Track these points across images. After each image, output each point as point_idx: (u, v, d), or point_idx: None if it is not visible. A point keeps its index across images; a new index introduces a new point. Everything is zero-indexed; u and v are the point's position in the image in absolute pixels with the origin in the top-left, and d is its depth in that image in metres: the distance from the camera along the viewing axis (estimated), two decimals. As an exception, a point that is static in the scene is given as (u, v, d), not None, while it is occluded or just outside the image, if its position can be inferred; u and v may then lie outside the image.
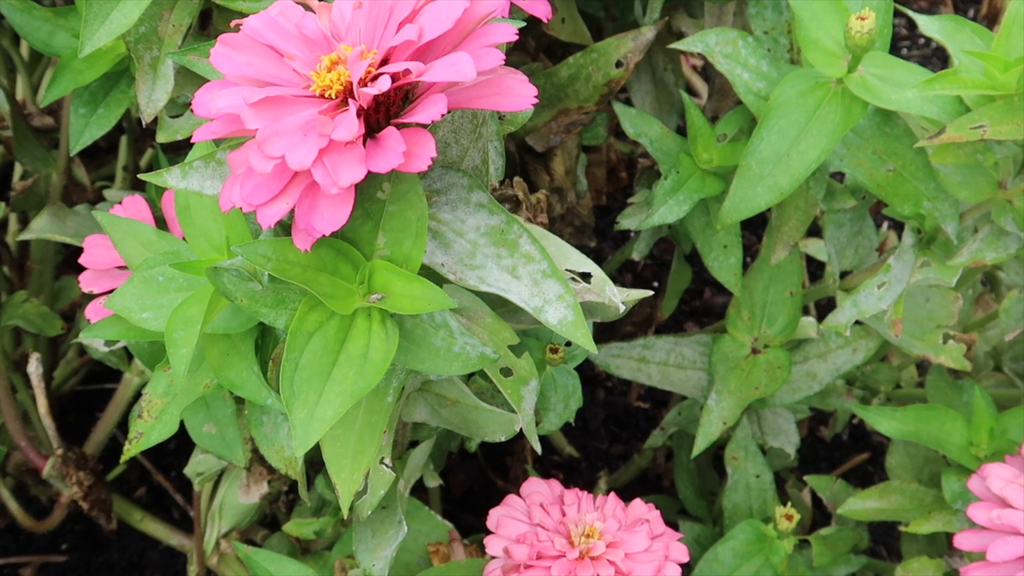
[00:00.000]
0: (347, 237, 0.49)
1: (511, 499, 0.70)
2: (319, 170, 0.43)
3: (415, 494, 0.77)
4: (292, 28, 0.47)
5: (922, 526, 0.77)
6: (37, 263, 0.99)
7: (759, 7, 0.71)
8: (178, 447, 1.08)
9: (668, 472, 1.09)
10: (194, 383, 0.62)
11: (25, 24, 0.73)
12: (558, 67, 0.74)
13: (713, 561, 0.80)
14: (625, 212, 0.80)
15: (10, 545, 1.06)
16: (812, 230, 0.85)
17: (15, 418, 0.91)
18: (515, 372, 0.59)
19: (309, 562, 0.81)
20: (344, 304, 0.49)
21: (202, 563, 0.86)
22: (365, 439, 0.55)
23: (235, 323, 0.57)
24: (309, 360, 0.49)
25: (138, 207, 0.73)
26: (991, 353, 0.93)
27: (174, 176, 0.50)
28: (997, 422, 0.77)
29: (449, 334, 0.51)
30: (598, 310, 0.56)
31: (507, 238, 0.49)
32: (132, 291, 0.57)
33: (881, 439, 1.16)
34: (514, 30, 0.45)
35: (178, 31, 0.63)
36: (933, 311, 0.80)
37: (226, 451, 0.68)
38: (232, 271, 0.50)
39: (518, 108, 0.45)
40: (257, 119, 0.44)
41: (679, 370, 0.86)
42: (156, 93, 0.63)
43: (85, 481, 0.91)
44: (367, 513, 0.64)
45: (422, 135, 0.44)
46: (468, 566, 0.74)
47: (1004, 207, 0.69)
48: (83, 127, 0.74)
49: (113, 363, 0.90)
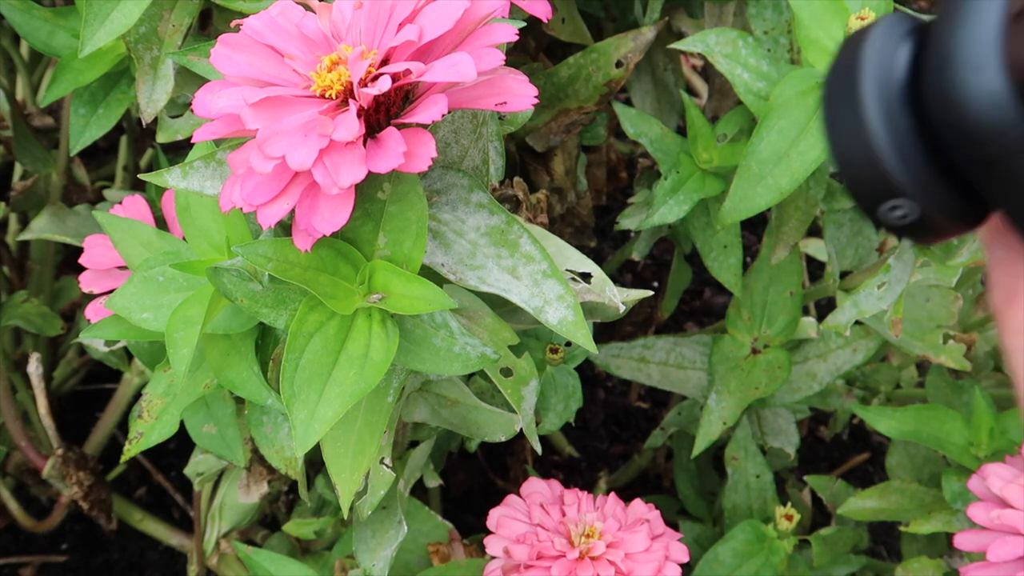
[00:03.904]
0: (347, 237, 0.49)
1: (511, 499, 0.70)
2: (319, 170, 0.43)
3: (415, 494, 0.77)
4: (292, 28, 0.47)
5: (922, 526, 0.77)
6: (37, 263, 0.99)
7: (759, 7, 0.71)
8: (178, 447, 1.08)
9: (668, 472, 1.09)
10: (194, 383, 0.62)
11: (25, 24, 0.73)
12: (558, 67, 0.74)
13: (713, 561, 0.80)
14: (625, 212, 0.80)
15: (10, 545, 1.06)
16: (812, 230, 0.85)
17: (15, 418, 0.91)
18: (515, 372, 0.59)
19: (309, 562, 0.81)
20: (344, 304, 0.49)
21: (202, 563, 0.86)
22: (365, 439, 0.55)
23: (235, 323, 0.57)
24: (309, 360, 0.49)
25: (138, 207, 0.73)
26: (991, 353, 0.93)
27: (174, 176, 0.50)
28: (997, 422, 0.77)
29: (449, 334, 0.51)
30: (598, 310, 0.56)
31: (507, 238, 0.49)
32: (132, 291, 0.57)
33: (881, 439, 1.16)
34: (514, 30, 0.45)
35: (178, 31, 0.63)
36: (933, 311, 0.80)
37: (226, 451, 0.68)
38: (232, 271, 0.50)
39: (518, 108, 0.45)
40: (257, 119, 0.44)
41: (679, 370, 0.86)
42: (156, 93, 0.63)
43: (85, 481, 0.91)
44: (367, 513, 0.64)
45: (422, 135, 0.44)
46: (468, 566, 0.74)
47: (1004, 207, 0.69)
48: (83, 127, 0.74)
49: (113, 363, 0.90)
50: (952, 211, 0.19)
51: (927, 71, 0.18)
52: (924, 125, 0.19)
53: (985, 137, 0.18)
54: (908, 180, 0.19)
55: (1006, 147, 0.18)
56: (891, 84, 0.19)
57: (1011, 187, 0.18)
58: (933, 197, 0.19)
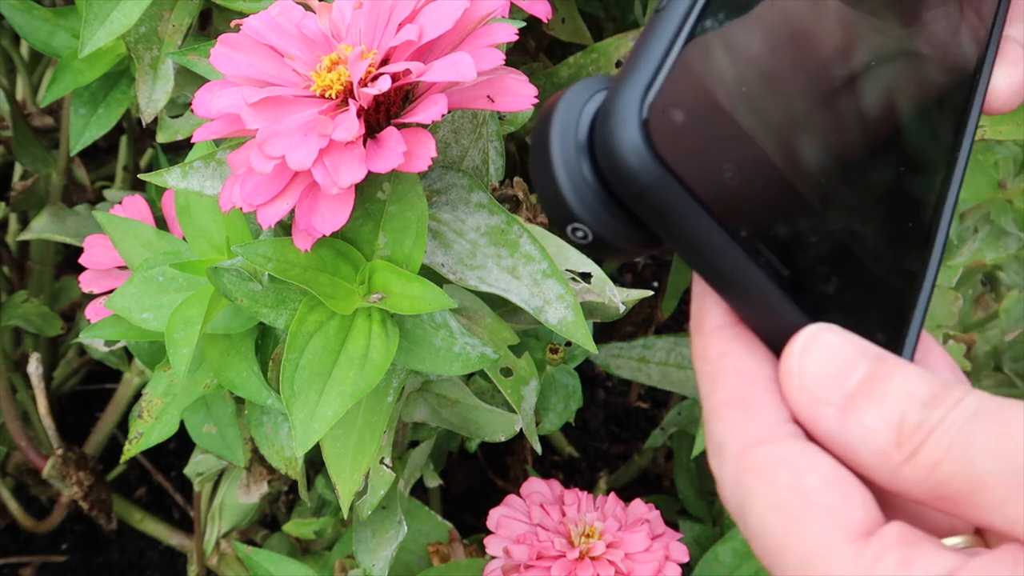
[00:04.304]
0: (347, 237, 0.49)
1: (511, 499, 0.70)
2: (319, 170, 0.43)
3: (415, 494, 0.77)
4: (292, 28, 0.47)
5: (922, 526, 0.76)
6: (37, 263, 0.99)
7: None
8: (178, 447, 1.08)
9: (668, 472, 1.09)
10: (194, 383, 0.62)
11: (25, 24, 0.73)
12: (558, 67, 0.74)
13: (713, 561, 0.80)
14: (625, 212, 0.80)
15: (10, 545, 1.06)
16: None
17: (15, 418, 0.91)
18: (515, 372, 0.59)
19: (309, 562, 0.81)
20: (344, 304, 0.49)
21: (202, 563, 0.86)
22: (365, 439, 0.55)
23: (235, 323, 0.56)
24: (309, 360, 0.49)
25: (138, 207, 0.73)
26: (991, 353, 0.93)
27: (174, 176, 0.50)
28: (997, 422, 0.77)
29: (449, 334, 0.51)
30: (598, 310, 0.56)
31: (507, 238, 0.49)
32: (132, 291, 0.57)
33: (881, 439, 1.16)
34: (514, 30, 0.45)
35: (178, 31, 0.63)
36: (933, 311, 0.80)
37: (226, 451, 0.68)
38: (232, 271, 0.50)
39: (518, 108, 0.45)
40: (257, 119, 0.44)
41: (679, 370, 0.86)
42: (156, 93, 0.63)
43: (85, 481, 0.91)
44: (367, 513, 0.63)
45: (422, 135, 0.44)
46: (468, 566, 0.74)
47: (1004, 207, 0.69)
48: (83, 127, 0.74)
49: (113, 363, 0.90)
50: (622, 235, 0.25)
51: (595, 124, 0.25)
52: (597, 167, 0.25)
53: (630, 177, 0.24)
54: (582, 210, 0.25)
55: (645, 186, 0.24)
56: (574, 134, 0.25)
57: (656, 218, 0.24)
58: (603, 223, 0.25)
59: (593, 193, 0.25)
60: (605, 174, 0.24)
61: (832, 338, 0.26)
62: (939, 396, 0.25)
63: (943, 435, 0.24)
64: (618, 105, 0.24)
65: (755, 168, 0.26)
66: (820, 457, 0.25)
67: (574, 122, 0.25)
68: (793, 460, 0.25)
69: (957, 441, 0.24)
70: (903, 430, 0.25)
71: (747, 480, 0.26)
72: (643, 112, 0.24)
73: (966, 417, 0.24)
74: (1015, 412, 0.24)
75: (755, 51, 0.27)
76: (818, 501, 0.24)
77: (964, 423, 0.24)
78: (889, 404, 0.25)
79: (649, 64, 0.24)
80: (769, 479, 0.25)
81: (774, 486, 0.25)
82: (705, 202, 0.24)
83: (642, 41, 0.25)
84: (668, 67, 0.24)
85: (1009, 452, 0.23)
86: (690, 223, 0.24)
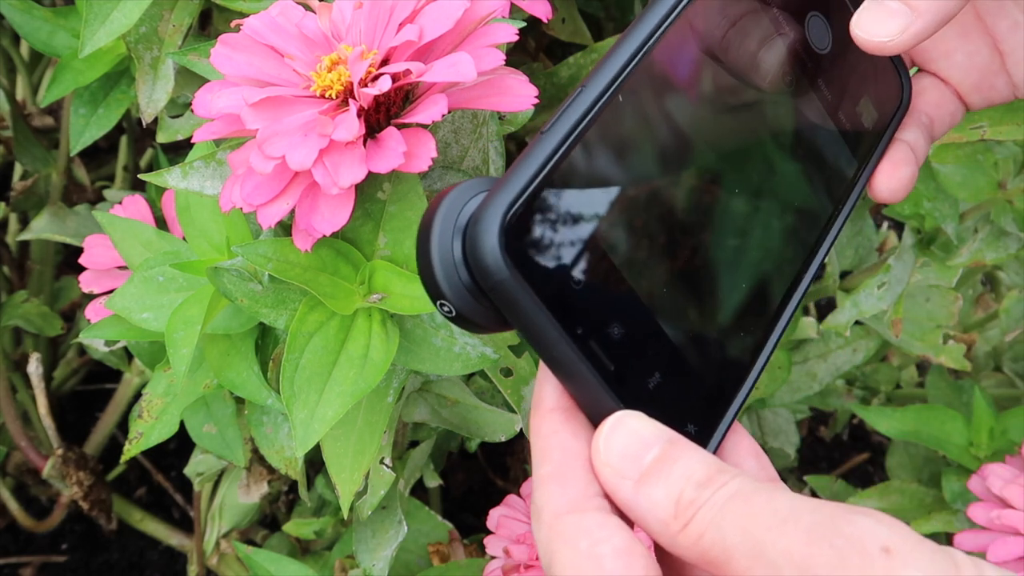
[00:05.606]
0: (347, 237, 0.49)
1: (511, 499, 0.70)
2: (319, 170, 0.43)
3: (415, 494, 0.77)
4: (292, 28, 0.47)
5: (922, 526, 0.77)
6: (37, 263, 0.99)
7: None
8: (178, 447, 1.08)
9: (668, 472, 1.09)
10: (194, 383, 0.62)
11: (25, 24, 0.73)
12: (558, 67, 0.74)
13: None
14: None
15: (10, 545, 1.06)
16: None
17: (15, 418, 0.91)
18: (515, 372, 0.59)
19: (309, 562, 0.81)
20: (344, 304, 0.49)
21: (202, 563, 0.86)
22: (365, 439, 0.55)
23: (235, 323, 0.56)
24: (309, 360, 0.49)
25: (138, 207, 0.73)
26: (991, 353, 0.93)
27: (174, 176, 0.50)
28: (997, 422, 0.77)
29: (449, 334, 0.51)
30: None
31: (507, 238, 0.49)
32: (132, 291, 0.57)
33: (881, 439, 1.16)
34: (514, 30, 0.45)
35: (178, 31, 0.63)
36: (933, 311, 0.80)
37: (226, 451, 0.68)
38: (232, 271, 0.50)
39: (518, 108, 0.45)
40: (257, 119, 0.44)
41: (679, 370, 0.86)
42: (156, 93, 0.63)
43: (85, 481, 0.91)
44: (367, 513, 0.64)
45: (422, 135, 0.44)
46: (468, 566, 0.74)
47: (1004, 207, 0.69)
48: (83, 127, 0.74)
49: (113, 363, 0.90)
50: (480, 315, 0.30)
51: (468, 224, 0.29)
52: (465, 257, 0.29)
53: (487, 273, 0.28)
54: (449, 290, 0.29)
55: (499, 282, 0.28)
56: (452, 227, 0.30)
57: (507, 308, 0.29)
58: (465, 304, 0.29)
59: (460, 278, 0.29)
60: (469, 266, 0.29)
61: (635, 423, 0.30)
62: (712, 478, 0.29)
63: (707, 511, 0.28)
64: (486, 213, 0.28)
65: (595, 279, 0.30)
66: (616, 528, 0.29)
67: (453, 217, 0.30)
68: (594, 530, 0.29)
69: (715, 517, 0.28)
70: (680, 504, 0.29)
71: (555, 544, 0.29)
72: (504, 222, 0.28)
73: (725, 498, 0.28)
74: (762, 496, 0.28)
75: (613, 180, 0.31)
76: (608, 567, 0.28)
77: (723, 503, 0.28)
78: (672, 482, 0.29)
79: (518, 183, 0.29)
80: (572, 544, 0.29)
81: (575, 551, 0.29)
82: (546, 302, 0.29)
83: (519, 161, 0.29)
84: (532, 189, 0.29)
85: (749, 529, 0.28)
86: (533, 317, 0.29)
